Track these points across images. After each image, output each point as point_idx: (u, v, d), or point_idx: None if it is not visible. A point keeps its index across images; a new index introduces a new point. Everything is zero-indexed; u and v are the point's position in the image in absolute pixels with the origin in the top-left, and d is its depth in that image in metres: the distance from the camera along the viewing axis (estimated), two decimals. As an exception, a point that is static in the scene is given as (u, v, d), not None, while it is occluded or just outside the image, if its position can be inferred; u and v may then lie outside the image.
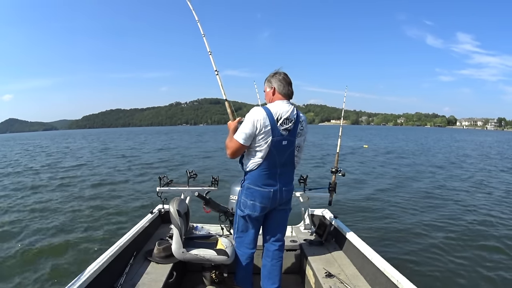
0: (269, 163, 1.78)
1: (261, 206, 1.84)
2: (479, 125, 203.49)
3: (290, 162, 1.85)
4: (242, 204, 1.90)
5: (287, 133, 1.76)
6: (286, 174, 1.86)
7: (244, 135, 1.73)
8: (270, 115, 1.73)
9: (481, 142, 33.67)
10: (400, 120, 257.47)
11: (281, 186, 1.83)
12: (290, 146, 1.80)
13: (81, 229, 4.82)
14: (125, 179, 9.45)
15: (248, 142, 1.75)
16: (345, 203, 6.32)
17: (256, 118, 1.72)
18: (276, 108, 1.76)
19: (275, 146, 1.74)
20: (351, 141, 28.76)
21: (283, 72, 1.86)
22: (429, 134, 58.51)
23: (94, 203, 6.46)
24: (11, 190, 8.01)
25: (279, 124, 1.74)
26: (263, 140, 1.73)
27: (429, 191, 7.92)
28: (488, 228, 5.11)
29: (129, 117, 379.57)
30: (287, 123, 1.76)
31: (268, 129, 1.72)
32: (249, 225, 1.93)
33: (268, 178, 1.80)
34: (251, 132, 1.73)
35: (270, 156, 1.76)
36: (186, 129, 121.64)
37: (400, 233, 4.79)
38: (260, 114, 1.72)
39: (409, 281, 1.62)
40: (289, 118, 1.77)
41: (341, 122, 3.15)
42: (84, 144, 30.27)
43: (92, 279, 1.62)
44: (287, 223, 2.06)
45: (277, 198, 1.84)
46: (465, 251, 4.17)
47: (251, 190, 1.83)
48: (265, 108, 1.77)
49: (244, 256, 1.98)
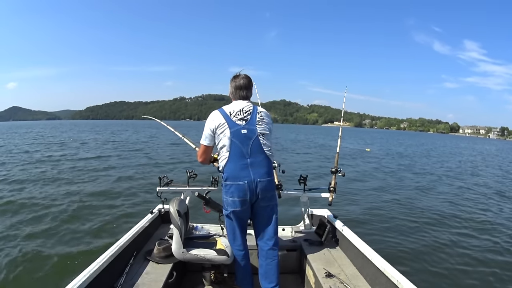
0: (236, 155, 1.85)
1: (240, 200, 1.87)
2: (482, 134, 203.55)
3: (259, 151, 1.88)
4: (225, 203, 1.95)
5: (244, 122, 1.88)
6: (259, 165, 1.87)
7: (204, 136, 1.94)
8: (223, 112, 1.91)
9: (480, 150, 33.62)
10: (403, 124, 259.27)
11: (255, 177, 1.85)
12: (252, 134, 1.87)
13: (81, 229, 4.81)
14: (126, 179, 9.44)
15: (211, 142, 1.94)
16: (345, 202, 6.32)
17: (210, 119, 1.92)
18: (229, 107, 1.94)
19: (235, 136, 1.85)
20: (356, 144, 28.79)
21: (242, 76, 1.98)
22: (427, 140, 58.33)
23: (94, 203, 6.45)
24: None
25: (233, 116, 1.89)
26: (222, 134, 1.87)
27: (429, 190, 7.93)
28: (489, 228, 5.12)
29: (133, 109, 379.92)
30: (241, 114, 1.90)
31: (223, 123, 1.87)
32: (234, 224, 1.96)
33: (240, 170, 1.85)
34: (209, 132, 1.91)
35: (234, 147, 1.85)
36: (190, 124, 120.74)
37: (400, 233, 4.79)
38: (214, 114, 1.92)
39: (409, 281, 1.62)
40: (243, 110, 1.91)
41: (341, 123, 3.17)
42: (92, 136, 29.71)
43: (92, 279, 1.62)
44: (278, 221, 2.02)
45: (253, 190, 1.85)
46: (465, 251, 4.18)
47: (228, 186, 1.88)
48: (219, 109, 1.94)
49: (238, 258, 2.00)
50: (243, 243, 2.01)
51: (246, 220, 2.01)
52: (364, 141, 34.45)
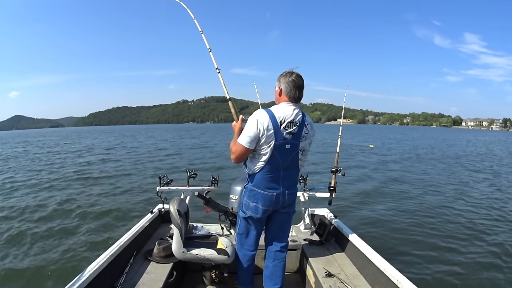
0: (272, 167, 1.75)
1: (263, 209, 1.83)
2: (485, 126, 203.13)
3: (294, 165, 1.82)
4: (244, 205, 1.89)
5: (290, 136, 1.72)
6: (290, 178, 1.83)
7: (248, 138, 1.70)
8: (273, 118, 1.69)
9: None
10: (406, 119, 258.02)
11: (284, 189, 1.81)
12: (294, 150, 1.76)
13: (81, 229, 4.81)
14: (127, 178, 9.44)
15: (253, 145, 1.72)
16: (345, 203, 6.32)
17: (259, 122, 1.68)
18: (279, 111, 1.72)
19: (278, 150, 1.71)
20: (359, 140, 28.80)
21: (296, 73, 1.77)
22: (427, 134, 58.17)
23: (94, 202, 6.46)
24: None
25: (283, 127, 1.70)
26: (266, 144, 1.71)
27: (429, 191, 7.92)
28: (489, 227, 5.11)
29: (136, 114, 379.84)
30: (291, 127, 1.72)
31: (271, 133, 1.68)
32: (250, 227, 1.93)
33: (271, 181, 1.78)
34: (255, 135, 1.69)
35: (273, 159, 1.73)
36: (194, 127, 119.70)
37: (400, 232, 4.79)
38: (263, 117, 1.69)
39: (409, 281, 1.62)
40: (293, 121, 1.72)
41: (341, 121, 3.15)
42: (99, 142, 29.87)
43: (92, 279, 1.62)
44: (291, 225, 2.05)
45: (279, 201, 1.82)
46: (466, 251, 4.17)
47: (254, 192, 1.81)
48: (268, 111, 1.72)
49: (245, 258, 1.98)
50: (255, 244, 1.98)
51: (264, 224, 1.97)
52: (368, 138, 34.59)
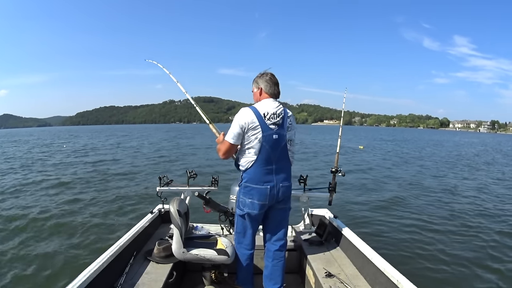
0: (263, 159, 1.82)
1: (260, 204, 1.86)
2: (472, 128, 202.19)
3: (285, 157, 1.88)
4: (241, 203, 1.92)
5: (276, 127, 1.82)
6: (282, 170, 1.88)
7: (232, 134, 1.83)
8: (256, 113, 1.81)
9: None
10: (393, 121, 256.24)
11: (278, 182, 1.86)
12: (282, 140, 1.85)
13: (81, 229, 4.80)
14: (127, 178, 9.44)
15: (238, 141, 1.84)
16: (345, 202, 6.32)
17: (242, 117, 1.80)
18: (262, 106, 1.84)
19: (267, 141, 1.80)
20: (347, 140, 28.85)
21: (270, 73, 1.94)
22: (410, 135, 58.01)
23: (94, 202, 6.45)
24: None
25: (267, 119, 1.81)
26: (253, 136, 1.80)
27: (428, 190, 7.93)
28: (490, 226, 5.12)
29: (123, 114, 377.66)
30: (275, 118, 1.82)
31: (257, 125, 1.79)
32: (247, 224, 1.95)
33: (264, 174, 1.83)
34: (239, 131, 1.81)
35: (263, 151, 1.81)
36: (181, 127, 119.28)
37: (400, 233, 4.79)
38: (246, 112, 1.82)
39: (409, 281, 1.62)
40: (276, 113, 1.83)
41: (341, 122, 3.17)
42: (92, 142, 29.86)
43: (92, 279, 1.62)
44: (288, 223, 2.07)
45: (274, 195, 1.86)
46: (466, 251, 4.17)
47: (249, 188, 1.86)
48: (251, 107, 1.85)
49: (243, 257, 1.99)
50: (252, 243, 2.01)
51: (260, 221, 2.00)
52: (356, 139, 34.64)
